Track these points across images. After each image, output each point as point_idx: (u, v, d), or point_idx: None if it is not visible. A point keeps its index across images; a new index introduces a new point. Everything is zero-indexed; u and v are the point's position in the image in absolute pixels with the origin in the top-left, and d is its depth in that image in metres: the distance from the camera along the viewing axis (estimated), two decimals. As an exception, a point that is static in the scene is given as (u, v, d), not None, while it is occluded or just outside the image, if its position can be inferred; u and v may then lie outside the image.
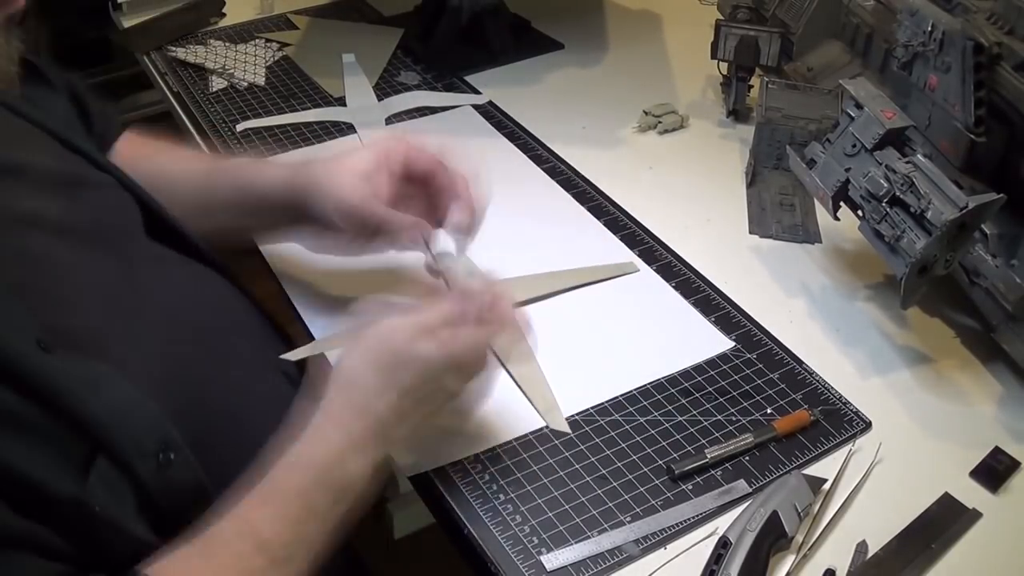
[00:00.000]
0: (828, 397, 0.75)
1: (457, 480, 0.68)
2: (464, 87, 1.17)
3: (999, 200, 0.71)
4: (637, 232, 0.93)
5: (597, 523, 0.66)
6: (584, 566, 0.63)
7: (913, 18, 0.78)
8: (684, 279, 0.87)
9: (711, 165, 1.05)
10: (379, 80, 1.18)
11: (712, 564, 0.62)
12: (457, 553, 0.67)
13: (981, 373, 0.79)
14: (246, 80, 1.17)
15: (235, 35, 1.28)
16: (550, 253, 0.89)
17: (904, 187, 0.73)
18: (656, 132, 1.10)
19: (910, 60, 0.80)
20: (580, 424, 0.73)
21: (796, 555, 0.64)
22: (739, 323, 0.82)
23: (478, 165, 0.78)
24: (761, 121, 1.00)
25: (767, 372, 0.78)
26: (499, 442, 0.71)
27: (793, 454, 0.71)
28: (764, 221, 0.96)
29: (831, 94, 1.00)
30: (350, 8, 1.37)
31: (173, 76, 1.19)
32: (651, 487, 0.68)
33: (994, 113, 0.74)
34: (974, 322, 0.83)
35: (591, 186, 0.99)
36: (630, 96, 1.15)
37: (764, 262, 0.91)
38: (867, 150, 0.78)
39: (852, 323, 0.84)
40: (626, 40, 1.30)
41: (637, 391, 0.75)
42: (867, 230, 0.78)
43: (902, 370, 0.79)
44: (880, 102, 0.79)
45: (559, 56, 1.26)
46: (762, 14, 1.12)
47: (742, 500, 0.67)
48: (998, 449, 0.72)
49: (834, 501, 0.68)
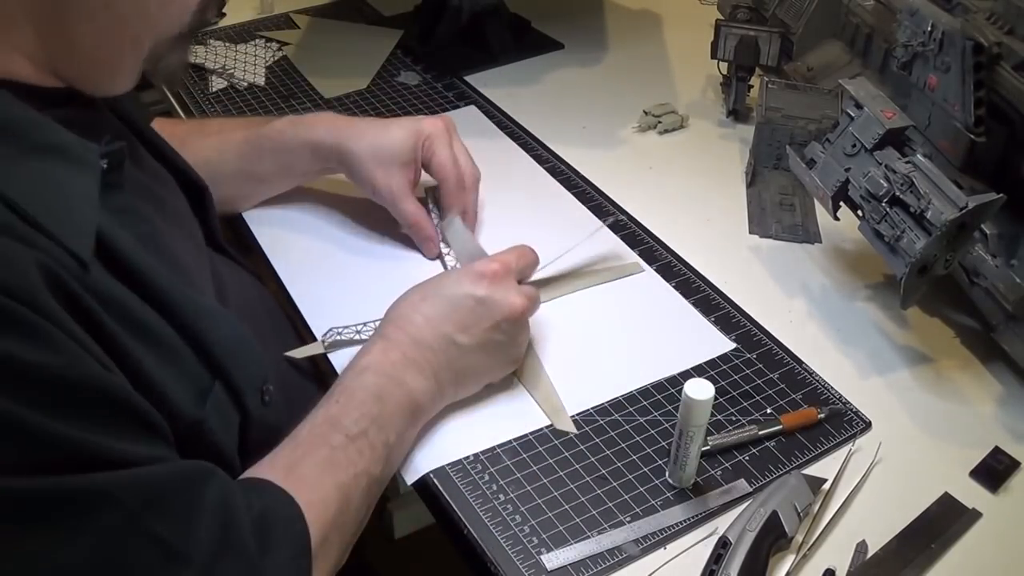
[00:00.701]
0: (828, 397, 0.75)
1: (457, 480, 0.68)
2: (464, 87, 1.18)
3: (999, 200, 0.71)
4: (637, 232, 0.93)
5: (597, 523, 0.66)
6: (584, 566, 0.63)
7: (913, 18, 0.78)
8: (684, 279, 0.87)
9: (711, 165, 1.05)
10: (378, 80, 1.19)
11: (712, 564, 0.62)
12: (457, 553, 0.67)
13: (981, 373, 0.79)
14: (246, 80, 1.17)
15: (235, 35, 1.28)
16: (554, 254, 0.89)
17: (904, 187, 0.73)
18: (656, 132, 1.10)
19: (910, 60, 0.80)
20: (580, 424, 0.73)
21: (796, 555, 0.64)
22: (739, 323, 0.82)
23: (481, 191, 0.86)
24: (761, 121, 1.00)
25: (767, 372, 0.78)
26: (499, 442, 0.71)
27: (793, 454, 0.71)
28: (764, 221, 0.96)
29: (831, 94, 1.00)
30: (350, 8, 1.37)
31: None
32: (651, 487, 0.68)
33: (994, 113, 0.74)
34: (974, 322, 0.83)
35: (591, 186, 0.99)
36: (630, 96, 1.15)
37: (764, 262, 0.91)
38: (867, 150, 0.78)
39: (852, 323, 0.84)
40: (626, 40, 1.30)
41: (637, 391, 0.75)
42: (867, 230, 0.78)
43: (902, 370, 0.79)
44: (880, 102, 0.79)
45: (559, 56, 1.26)
46: (762, 14, 1.12)
47: (742, 500, 0.67)
48: (998, 449, 0.72)
49: (834, 501, 0.68)
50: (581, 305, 0.85)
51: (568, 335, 0.81)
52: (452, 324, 0.69)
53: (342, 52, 1.25)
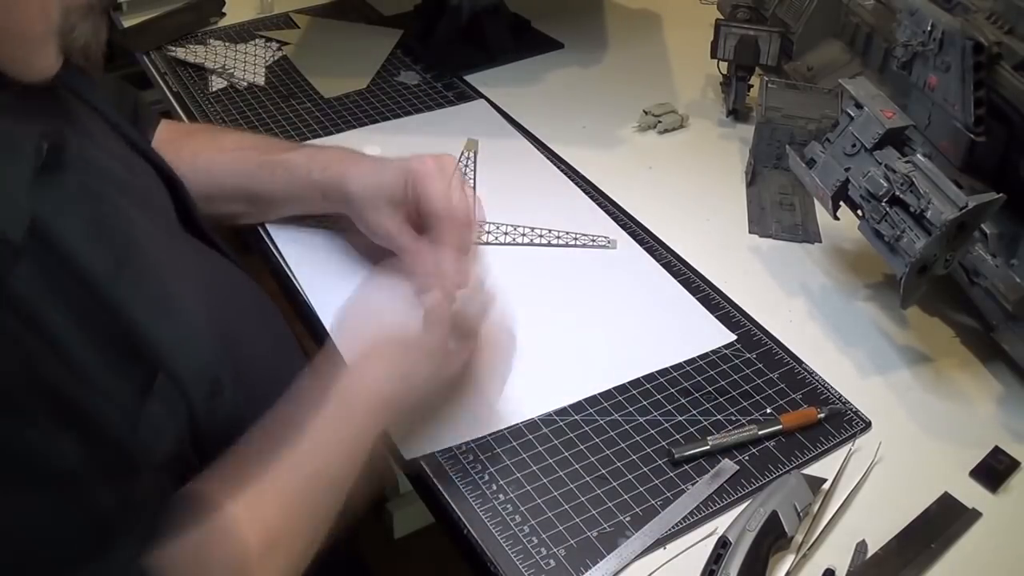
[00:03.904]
0: (828, 397, 0.75)
1: (456, 480, 0.68)
2: (464, 86, 1.18)
3: (999, 200, 0.71)
4: (637, 231, 0.93)
5: (597, 523, 0.66)
6: (583, 565, 0.63)
7: (913, 17, 0.78)
8: (684, 278, 0.87)
9: (711, 165, 1.05)
10: (378, 80, 1.18)
11: (712, 564, 0.62)
12: (457, 553, 0.67)
13: (981, 373, 0.79)
14: (246, 80, 1.17)
15: (235, 35, 1.28)
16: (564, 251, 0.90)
17: (904, 187, 0.73)
18: (656, 132, 1.10)
19: (910, 60, 0.79)
20: (580, 424, 0.73)
21: (796, 555, 0.64)
22: (739, 323, 0.82)
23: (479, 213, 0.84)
24: (761, 121, 1.00)
25: (767, 372, 0.78)
26: (500, 428, 0.72)
27: (793, 454, 0.71)
28: (764, 221, 0.96)
29: (831, 94, 0.99)
30: (350, 8, 1.37)
31: (173, 76, 1.19)
32: (651, 487, 0.68)
33: (994, 113, 0.74)
34: (974, 322, 0.83)
35: (591, 186, 0.99)
36: (630, 96, 1.15)
37: (764, 262, 0.91)
38: (867, 150, 0.78)
39: (852, 323, 0.84)
40: (626, 40, 1.30)
41: (636, 390, 0.75)
42: (867, 230, 0.78)
43: (902, 370, 0.79)
44: (880, 102, 0.79)
45: (559, 56, 1.26)
46: (762, 14, 1.12)
47: (742, 500, 0.67)
48: (998, 449, 0.72)
49: (834, 501, 0.68)
50: (577, 293, 0.85)
51: (565, 324, 0.82)
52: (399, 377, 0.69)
53: (342, 52, 1.25)
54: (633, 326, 0.82)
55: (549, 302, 0.84)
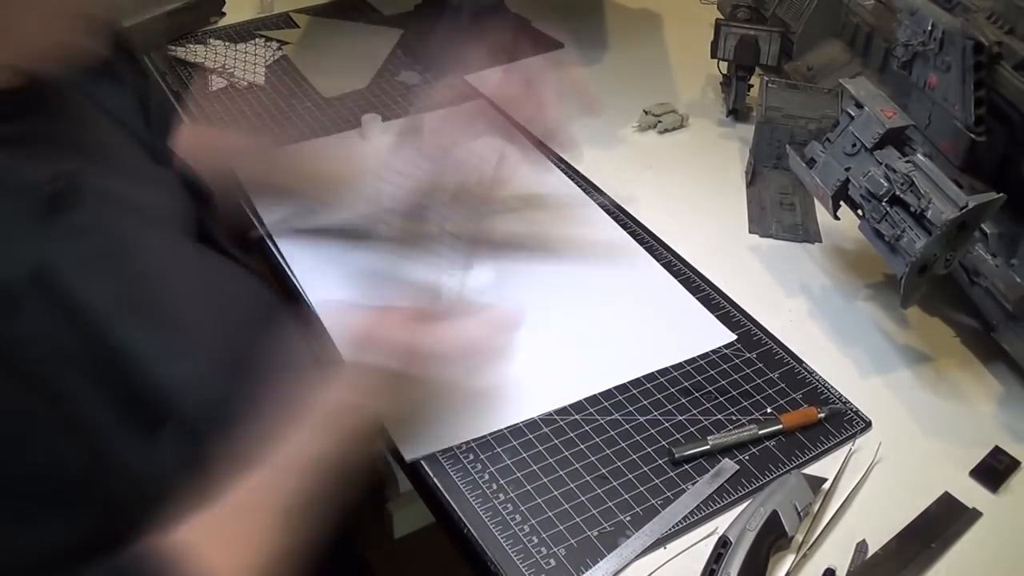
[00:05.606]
0: (828, 397, 0.75)
1: (457, 480, 0.68)
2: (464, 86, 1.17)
3: (999, 199, 0.71)
4: (637, 231, 0.93)
5: (597, 523, 0.66)
6: (584, 565, 0.63)
7: (913, 17, 0.78)
8: (684, 278, 0.87)
9: (711, 164, 1.05)
10: (378, 79, 1.18)
11: (712, 564, 0.62)
12: (457, 553, 0.67)
13: (981, 373, 0.79)
14: (246, 80, 1.17)
15: (235, 34, 1.28)
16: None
17: (904, 186, 0.73)
18: (656, 132, 1.10)
19: (910, 59, 0.79)
20: (580, 423, 0.73)
21: (796, 555, 0.64)
22: (739, 322, 0.82)
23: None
24: (761, 120, 1.00)
25: (767, 371, 0.78)
26: (500, 427, 0.72)
27: (793, 453, 0.71)
28: (764, 220, 0.96)
29: (831, 93, 1.00)
30: (350, 7, 1.37)
31: (173, 76, 1.19)
32: (651, 487, 0.68)
33: (994, 113, 0.74)
34: (974, 322, 0.83)
35: (591, 185, 0.99)
36: (630, 96, 1.15)
37: (764, 262, 0.91)
38: (867, 149, 0.78)
39: (852, 323, 0.84)
40: (626, 39, 1.30)
41: (637, 390, 0.76)
42: (867, 229, 0.78)
43: (902, 370, 0.79)
44: (880, 101, 0.79)
45: (559, 55, 1.26)
46: (762, 13, 1.12)
47: (742, 499, 0.67)
48: (998, 449, 0.72)
49: (834, 501, 0.68)
50: (578, 293, 0.85)
51: (565, 323, 0.82)
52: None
53: (342, 51, 1.25)
54: (633, 326, 0.82)
55: (549, 302, 0.84)
